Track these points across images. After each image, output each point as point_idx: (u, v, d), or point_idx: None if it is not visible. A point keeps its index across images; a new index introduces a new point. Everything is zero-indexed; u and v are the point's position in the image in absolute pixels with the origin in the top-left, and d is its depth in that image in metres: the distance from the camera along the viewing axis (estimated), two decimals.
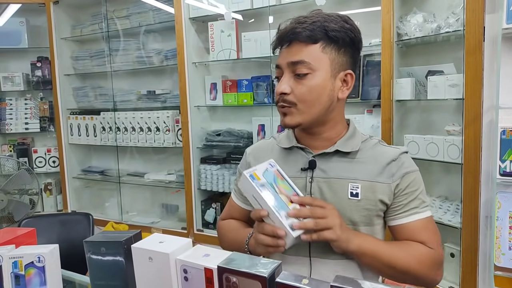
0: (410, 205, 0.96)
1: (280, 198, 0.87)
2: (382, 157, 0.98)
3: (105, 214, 3.05)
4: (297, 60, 0.92)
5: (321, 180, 0.98)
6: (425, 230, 0.96)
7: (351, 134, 1.01)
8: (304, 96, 0.94)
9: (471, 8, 1.53)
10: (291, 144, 1.03)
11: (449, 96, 1.71)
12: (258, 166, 0.90)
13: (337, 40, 0.93)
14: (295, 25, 0.93)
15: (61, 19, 3.03)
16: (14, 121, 3.16)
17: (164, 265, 0.88)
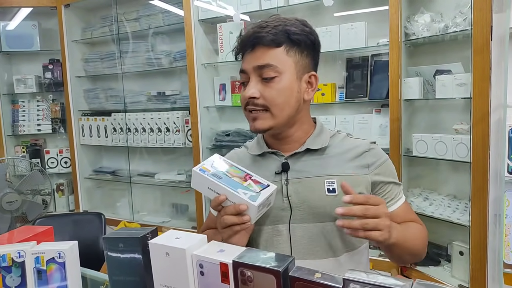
0: (393, 192, 1.01)
1: (233, 180, 0.88)
2: (354, 149, 1.00)
3: (117, 213, 3.09)
4: (263, 64, 0.93)
5: (296, 181, 0.99)
6: (409, 211, 1.04)
7: (318, 132, 1.03)
8: (274, 99, 0.94)
9: (479, 7, 1.54)
10: (262, 150, 1.04)
11: (457, 95, 1.72)
12: (205, 161, 0.92)
13: (299, 43, 0.95)
14: (258, 30, 0.94)
15: (72, 22, 3.09)
16: (26, 123, 3.22)
17: (181, 260, 0.91)
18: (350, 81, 2.19)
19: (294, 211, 0.99)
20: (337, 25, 2.06)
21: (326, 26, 2.10)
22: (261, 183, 0.89)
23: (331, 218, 0.97)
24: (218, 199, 0.87)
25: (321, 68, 2.32)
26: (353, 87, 2.18)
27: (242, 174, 0.90)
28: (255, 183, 0.88)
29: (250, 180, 0.89)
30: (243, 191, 0.86)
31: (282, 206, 1.00)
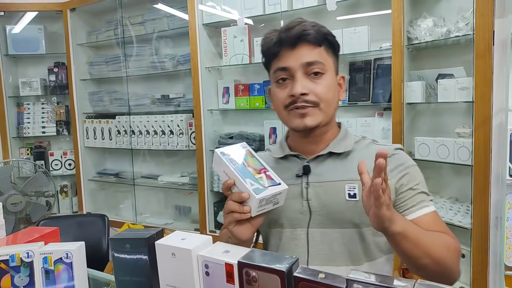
0: (416, 199, 0.94)
1: (247, 170, 0.88)
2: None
3: (120, 215, 3.11)
4: (312, 60, 0.93)
5: (316, 185, 0.98)
6: (438, 222, 0.93)
7: (343, 136, 1.02)
8: (325, 95, 0.95)
9: (481, 12, 1.56)
10: (284, 153, 1.04)
11: (459, 99, 1.74)
12: (230, 146, 0.93)
13: (333, 44, 0.98)
14: (300, 27, 0.93)
15: (77, 26, 3.12)
16: (31, 125, 3.25)
17: (187, 261, 0.93)
18: (353, 84, 2.21)
19: (313, 215, 0.98)
20: (340, 29, 2.08)
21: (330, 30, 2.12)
22: (273, 180, 0.89)
23: (351, 225, 0.95)
24: (227, 182, 0.88)
25: None
26: (355, 91, 2.20)
27: (259, 167, 0.90)
28: (267, 178, 0.88)
29: (263, 174, 0.88)
30: (251, 182, 0.86)
31: (301, 209, 0.99)
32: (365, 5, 2.10)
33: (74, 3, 3.02)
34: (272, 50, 0.96)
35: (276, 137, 2.46)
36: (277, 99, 0.98)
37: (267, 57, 1.00)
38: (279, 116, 1.02)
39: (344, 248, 0.95)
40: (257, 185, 0.86)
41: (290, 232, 1.00)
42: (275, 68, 0.97)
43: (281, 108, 0.98)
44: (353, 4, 2.10)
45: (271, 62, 0.99)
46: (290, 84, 0.96)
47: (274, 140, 2.46)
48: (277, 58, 0.96)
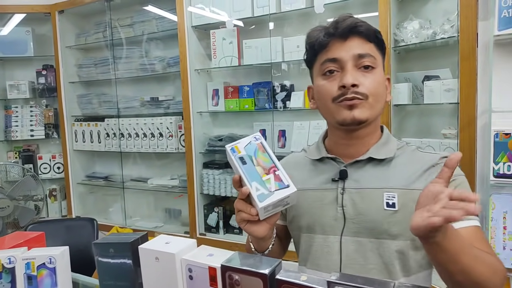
0: None
1: (255, 170, 0.85)
2: (420, 162, 0.91)
3: (109, 219, 3.09)
4: (365, 53, 0.89)
5: (353, 191, 0.92)
6: (481, 240, 0.84)
7: (385, 141, 0.96)
8: (375, 89, 0.90)
9: (465, 15, 1.58)
10: (320, 155, 0.99)
11: (445, 101, 1.75)
12: (242, 140, 0.89)
13: (381, 43, 0.94)
14: (352, 19, 0.90)
15: (66, 28, 3.10)
16: (19, 128, 3.21)
17: (170, 265, 0.93)
18: None
19: (347, 222, 0.93)
20: None
21: None
22: (281, 181, 0.84)
23: (388, 236, 0.89)
24: (234, 177, 0.85)
25: None
26: None
27: (268, 165, 0.85)
28: (275, 180, 0.84)
29: (272, 174, 0.84)
30: (257, 186, 0.83)
31: (335, 215, 0.94)
32: (353, 7, 2.11)
33: (63, 5, 3.00)
34: (321, 41, 0.91)
35: (266, 139, 2.45)
36: (324, 91, 0.92)
37: (313, 49, 0.94)
38: (323, 112, 0.96)
39: (379, 259, 0.90)
40: (263, 189, 0.83)
41: (323, 239, 0.95)
42: (323, 60, 0.92)
43: (328, 101, 0.91)
44: (341, 7, 2.11)
45: (318, 55, 0.94)
46: (338, 77, 0.90)
47: None
48: (326, 49, 0.91)
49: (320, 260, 0.96)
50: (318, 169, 0.99)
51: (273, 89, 2.37)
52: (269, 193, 0.82)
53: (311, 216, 0.97)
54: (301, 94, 2.30)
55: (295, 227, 1.03)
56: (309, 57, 0.98)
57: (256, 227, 0.87)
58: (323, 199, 0.96)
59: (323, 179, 0.97)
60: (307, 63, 1.00)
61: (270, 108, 2.38)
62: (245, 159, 0.86)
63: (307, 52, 0.98)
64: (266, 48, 2.28)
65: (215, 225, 2.60)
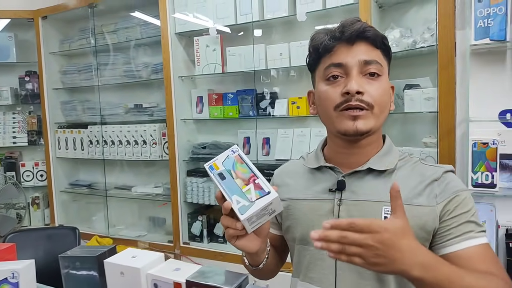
0: (462, 229, 0.81)
1: (235, 183, 0.84)
2: (423, 176, 0.87)
3: (93, 227, 3.04)
4: (371, 59, 0.85)
5: (350, 203, 0.88)
6: (486, 259, 0.80)
7: (386, 151, 0.91)
8: (380, 98, 0.86)
9: (443, 24, 1.58)
10: (319, 163, 0.95)
11: (425, 109, 1.75)
12: (220, 156, 0.88)
13: (388, 50, 0.91)
14: (360, 24, 0.86)
15: (49, 34, 3.06)
16: (1, 135, 3.16)
17: (135, 280, 0.90)
18: None
19: None
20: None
21: (300, 41, 2.13)
22: (262, 189, 0.83)
23: None
24: (217, 195, 0.83)
25: (296, 82, 2.34)
26: None
27: (247, 176, 0.84)
28: (255, 189, 0.82)
29: (252, 184, 0.83)
30: (237, 199, 0.81)
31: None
32: (334, 16, 2.12)
33: (46, 11, 2.97)
34: (327, 45, 0.87)
35: (250, 147, 2.44)
36: (327, 97, 0.88)
37: (317, 52, 0.90)
38: (323, 119, 0.92)
39: (374, 276, 0.86)
40: (244, 201, 0.81)
41: (317, 252, 0.90)
42: (327, 64, 0.88)
43: (330, 108, 0.87)
44: (323, 15, 2.11)
45: (322, 58, 0.90)
46: (343, 83, 0.86)
47: (248, 149, 2.44)
48: (331, 54, 0.87)
49: (313, 273, 0.92)
50: (316, 178, 0.96)
51: (257, 96, 2.36)
52: (250, 204, 0.81)
53: (306, 227, 0.94)
54: (285, 101, 2.29)
55: (290, 237, 1.00)
56: (312, 60, 0.94)
57: (246, 242, 0.84)
58: (319, 210, 0.93)
59: (320, 189, 0.93)
60: (309, 66, 0.96)
61: (254, 116, 2.37)
62: (224, 174, 0.85)
63: (310, 55, 0.94)
64: (250, 56, 2.27)
65: (199, 233, 2.57)
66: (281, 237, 1.06)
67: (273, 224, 1.08)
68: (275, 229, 1.07)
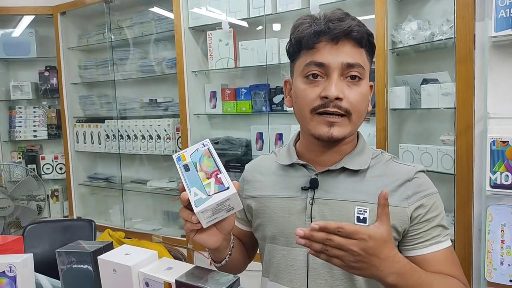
0: (431, 233, 0.84)
1: (197, 175, 0.82)
2: (395, 176, 0.86)
3: (109, 220, 3.09)
4: (354, 62, 0.81)
5: (323, 202, 0.87)
6: (450, 262, 0.84)
7: (360, 149, 0.89)
8: (359, 105, 0.82)
9: (462, 15, 1.50)
10: (291, 160, 0.92)
11: (443, 105, 1.67)
12: (190, 148, 0.87)
13: (373, 48, 0.86)
14: (349, 21, 0.80)
15: (68, 29, 3.11)
16: (23, 129, 3.24)
17: (127, 278, 0.89)
18: None
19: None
20: None
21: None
22: (222, 184, 0.81)
23: None
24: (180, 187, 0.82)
25: None
26: None
27: (211, 169, 0.83)
28: (216, 183, 0.81)
29: (213, 178, 0.81)
30: (196, 191, 0.80)
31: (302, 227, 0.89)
32: (349, 7, 2.04)
33: (65, 7, 3.01)
34: (309, 40, 0.81)
35: (263, 143, 2.41)
36: (304, 97, 0.84)
37: (298, 44, 0.84)
38: (298, 117, 0.89)
39: (346, 276, 0.85)
40: (201, 194, 0.79)
41: (287, 252, 0.90)
42: (308, 61, 0.83)
43: (306, 110, 0.84)
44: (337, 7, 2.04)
45: (303, 51, 0.84)
46: (322, 84, 0.82)
47: (261, 145, 2.41)
48: (314, 50, 0.82)
49: (284, 273, 0.90)
50: (288, 175, 0.93)
51: (270, 91, 2.32)
52: (207, 197, 0.79)
53: (277, 226, 0.92)
54: None
55: (260, 236, 0.98)
56: (292, 51, 0.88)
57: (205, 237, 0.82)
58: (290, 209, 0.90)
59: (293, 187, 0.91)
60: (288, 55, 0.91)
61: (267, 111, 2.33)
62: (189, 166, 0.83)
63: (291, 44, 0.88)
64: (262, 50, 2.23)
65: None
66: (251, 233, 1.04)
67: (242, 220, 1.06)
68: (244, 225, 1.06)
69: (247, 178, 1.02)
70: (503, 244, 1.40)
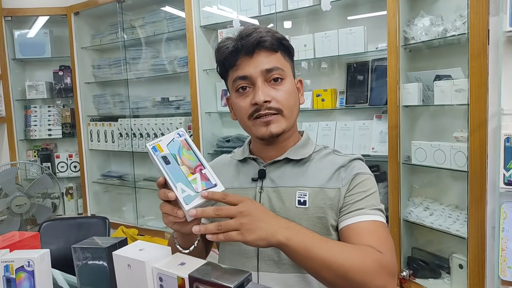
0: (357, 205, 0.91)
1: (180, 170, 0.81)
2: (333, 163, 0.98)
3: (123, 218, 3.13)
4: (272, 67, 0.93)
5: (270, 190, 0.98)
6: (374, 234, 0.87)
7: (303, 143, 1.02)
8: (287, 101, 0.94)
9: (475, 10, 1.47)
10: (244, 155, 1.04)
11: (456, 102, 1.65)
12: (164, 137, 0.85)
13: (288, 49, 0.98)
14: (256, 34, 0.92)
15: (81, 29, 3.16)
16: (38, 128, 3.30)
17: (141, 273, 0.90)
18: (351, 86, 2.15)
19: None
20: (335, 30, 2.02)
21: (325, 31, 2.07)
22: (208, 181, 0.81)
23: None
24: (158, 180, 0.83)
25: (321, 74, 2.28)
26: (353, 93, 2.13)
27: (194, 164, 0.82)
28: (202, 179, 0.80)
29: (198, 173, 0.81)
30: (182, 187, 0.79)
31: None
32: (360, 5, 2.04)
33: (78, 7, 3.05)
34: (230, 59, 0.94)
35: None
36: (240, 108, 0.96)
37: (223, 66, 0.98)
38: (242, 126, 1.00)
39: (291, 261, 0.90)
40: (189, 191, 0.79)
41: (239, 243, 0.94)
42: (234, 78, 0.95)
43: (244, 118, 0.96)
44: (348, 4, 2.04)
45: (228, 72, 0.97)
46: (251, 93, 0.94)
47: None
48: (235, 67, 0.94)
49: (236, 258, 0.99)
50: (241, 169, 1.04)
51: None
52: (196, 194, 0.79)
53: None
54: (310, 94, 2.24)
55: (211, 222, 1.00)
56: (221, 72, 1.01)
57: (185, 226, 0.86)
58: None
59: (245, 178, 1.02)
60: (221, 76, 1.03)
61: None
62: (168, 159, 0.82)
63: (218, 66, 1.01)
64: None
65: None
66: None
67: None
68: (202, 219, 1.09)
69: None
70: None
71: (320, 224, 0.93)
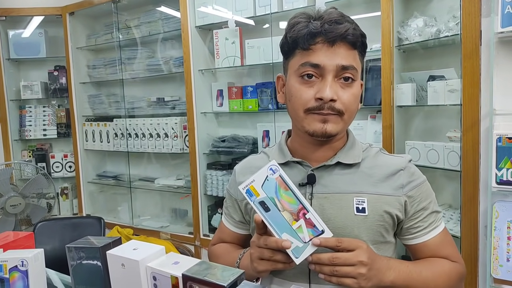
0: (428, 220, 0.91)
1: (282, 217, 0.77)
2: (388, 167, 0.91)
3: (118, 218, 3.12)
4: (348, 65, 0.84)
5: (322, 196, 0.89)
6: (446, 244, 0.93)
7: (351, 144, 0.94)
8: (351, 105, 0.86)
9: (467, 11, 1.49)
10: (285, 158, 0.94)
11: (449, 102, 1.67)
12: (257, 175, 0.79)
13: (365, 49, 0.90)
14: (347, 25, 0.83)
15: (76, 30, 3.15)
16: (33, 128, 3.29)
17: (135, 272, 0.91)
18: None
19: None
20: None
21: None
22: (314, 227, 0.77)
23: None
24: (257, 221, 0.79)
25: None
26: None
27: (296, 208, 0.78)
28: (307, 226, 0.76)
29: (302, 219, 0.77)
30: (288, 238, 0.76)
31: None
32: (355, 5, 2.05)
33: (73, 7, 3.04)
34: (306, 40, 0.83)
35: (269, 140, 2.42)
36: (299, 97, 0.86)
37: (295, 43, 0.86)
38: (291, 114, 0.91)
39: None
40: (296, 242, 0.76)
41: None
42: (304, 61, 0.84)
43: (300, 109, 0.86)
44: (343, 5, 2.04)
45: (298, 50, 0.86)
46: (317, 84, 0.85)
47: (268, 143, 2.42)
48: (309, 51, 0.84)
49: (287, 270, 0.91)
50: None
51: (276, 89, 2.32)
52: (305, 245, 0.76)
53: None
54: None
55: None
56: (287, 48, 0.90)
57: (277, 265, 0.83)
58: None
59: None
60: (282, 51, 0.93)
61: (273, 109, 2.34)
62: (267, 204, 0.77)
63: (286, 41, 0.89)
64: (268, 48, 2.24)
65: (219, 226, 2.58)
66: (248, 236, 1.06)
67: (240, 223, 1.07)
68: (242, 229, 1.07)
69: (240, 179, 1.01)
70: (509, 241, 1.39)
71: (378, 232, 0.89)
